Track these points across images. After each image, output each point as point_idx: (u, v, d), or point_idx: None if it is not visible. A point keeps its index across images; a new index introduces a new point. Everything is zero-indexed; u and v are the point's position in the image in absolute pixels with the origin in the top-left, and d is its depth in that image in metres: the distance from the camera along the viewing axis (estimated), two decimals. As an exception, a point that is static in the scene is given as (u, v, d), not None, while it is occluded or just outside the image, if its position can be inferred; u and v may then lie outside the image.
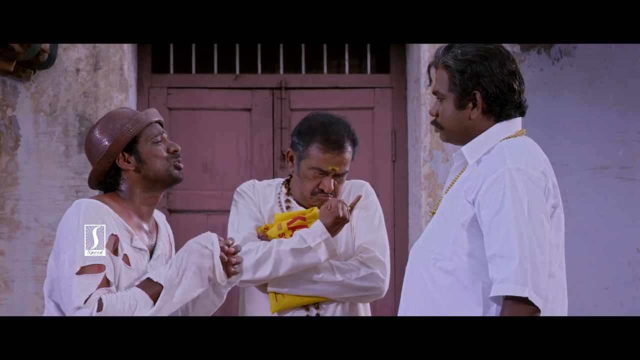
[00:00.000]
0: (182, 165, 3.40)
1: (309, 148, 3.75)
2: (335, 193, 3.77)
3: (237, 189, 3.90)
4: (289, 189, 3.87)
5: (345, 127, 3.80)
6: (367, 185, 3.90)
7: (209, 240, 3.32)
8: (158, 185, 3.38)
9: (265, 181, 3.94)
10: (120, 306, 3.16)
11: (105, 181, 3.37)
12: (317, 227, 3.67)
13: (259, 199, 3.86)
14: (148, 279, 3.26)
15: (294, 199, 3.85)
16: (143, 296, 3.21)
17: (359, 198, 3.78)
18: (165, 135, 3.41)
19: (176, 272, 3.26)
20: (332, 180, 3.75)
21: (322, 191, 3.75)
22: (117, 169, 3.35)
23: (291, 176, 3.87)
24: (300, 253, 3.66)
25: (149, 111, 3.41)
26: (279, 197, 3.86)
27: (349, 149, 3.77)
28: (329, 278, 3.67)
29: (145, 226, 3.40)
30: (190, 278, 3.27)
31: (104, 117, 3.43)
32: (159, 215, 3.54)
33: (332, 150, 3.74)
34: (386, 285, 3.73)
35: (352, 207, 3.76)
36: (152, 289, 3.24)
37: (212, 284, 3.34)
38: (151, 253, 3.40)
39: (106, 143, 3.32)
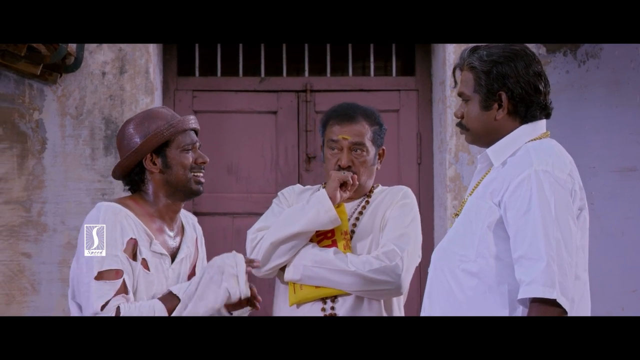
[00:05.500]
0: (203, 180, 3.42)
1: (325, 129, 3.85)
2: (356, 172, 3.77)
3: (278, 192, 3.94)
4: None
5: (359, 106, 3.89)
6: (407, 189, 3.90)
7: (234, 260, 3.34)
8: (178, 194, 3.39)
9: (308, 186, 3.98)
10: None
11: (130, 176, 3.39)
12: (315, 194, 3.75)
13: (294, 198, 3.89)
14: (170, 292, 3.28)
15: None
16: (161, 308, 3.23)
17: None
18: (197, 144, 3.42)
19: (195, 288, 3.28)
20: (349, 156, 3.77)
21: (339, 167, 3.77)
22: (142, 167, 3.37)
23: None
24: (294, 213, 3.73)
25: (187, 118, 3.42)
26: None
27: (362, 122, 3.82)
28: (342, 267, 3.66)
29: (168, 229, 3.41)
30: (203, 292, 3.28)
31: (142, 112, 3.46)
32: (187, 218, 3.55)
33: (341, 120, 3.81)
34: (403, 281, 3.68)
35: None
36: (173, 302, 3.26)
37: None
38: (175, 256, 3.41)
39: (137, 140, 3.35)
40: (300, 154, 5.67)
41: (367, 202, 3.85)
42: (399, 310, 3.83)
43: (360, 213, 3.83)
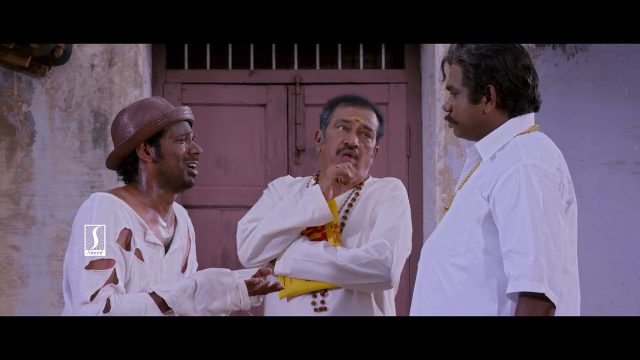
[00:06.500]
0: (196, 172, 3.42)
1: (334, 110, 3.89)
2: (359, 155, 3.78)
3: (269, 184, 3.95)
4: (317, 180, 3.89)
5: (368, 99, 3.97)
6: (398, 181, 3.91)
7: (238, 298, 3.35)
8: (171, 185, 3.40)
9: (298, 177, 3.99)
10: (128, 311, 3.18)
11: (124, 166, 3.40)
12: (310, 189, 3.76)
13: (284, 190, 3.90)
14: (163, 300, 3.27)
15: None
16: (152, 305, 3.23)
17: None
18: (191, 135, 3.43)
19: (192, 307, 3.28)
20: (357, 136, 3.78)
21: (346, 145, 3.77)
22: (136, 157, 3.37)
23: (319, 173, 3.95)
24: (287, 203, 3.75)
25: (181, 108, 3.43)
26: (307, 186, 3.88)
27: (373, 112, 3.91)
28: (332, 261, 3.67)
29: (162, 220, 3.41)
30: (202, 308, 3.30)
31: (136, 102, 3.47)
32: (179, 210, 3.55)
33: (354, 103, 3.89)
34: (393, 275, 3.70)
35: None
36: (163, 306, 3.26)
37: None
38: (168, 247, 3.41)
39: (131, 129, 3.35)
40: (290, 146, 5.66)
41: (357, 194, 3.86)
42: (389, 304, 3.84)
43: (350, 205, 3.83)
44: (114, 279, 3.20)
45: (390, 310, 3.85)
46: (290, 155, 5.66)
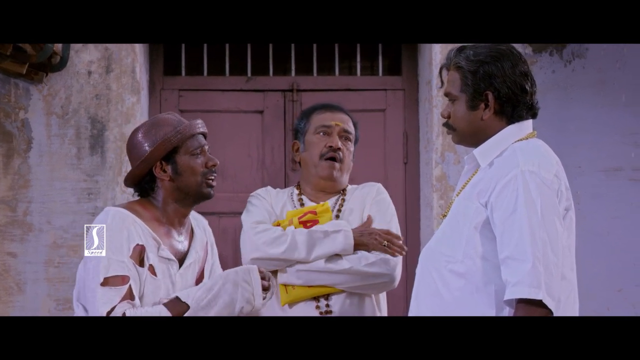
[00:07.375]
0: (214, 184, 3.42)
1: (310, 118, 3.93)
2: (342, 158, 3.82)
3: (251, 194, 3.95)
4: (300, 190, 3.91)
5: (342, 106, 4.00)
6: (380, 185, 3.96)
7: (249, 275, 3.37)
8: (189, 199, 3.40)
9: (278, 188, 4.00)
10: None
11: (141, 184, 3.39)
12: (341, 223, 3.74)
13: (271, 199, 3.92)
14: (177, 297, 3.27)
15: (306, 196, 3.89)
16: (167, 315, 3.23)
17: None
18: (206, 147, 3.43)
19: (205, 296, 3.28)
20: (339, 140, 3.86)
21: (330, 148, 3.80)
22: (153, 175, 3.36)
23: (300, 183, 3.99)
24: (317, 237, 3.71)
25: (194, 122, 3.43)
26: (292, 196, 3.91)
27: (348, 116, 3.94)
28: (337, 265, 3.68)
29: (176, 234, 3.40)
30: (218, 305, 3.30)
31: (148, 120, 3.46)
32: (197, 220, 3.54)
33: (331, 109, 3.94)
34: (397, 274, 3.73)
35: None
36: (179, 308, 3.25)
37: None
38: (183, 260, 3.41)
39: (147, 148, 3.34)
40: (287, 153, 5.66)
41: (343, 199, 3.89)
42: (384, 305, 3.86)
43: (339, 211, 3.86)
44: (129, 296, 3.19)
45: (385, 312, 3.88)
46: (287, 162, 5.66)
